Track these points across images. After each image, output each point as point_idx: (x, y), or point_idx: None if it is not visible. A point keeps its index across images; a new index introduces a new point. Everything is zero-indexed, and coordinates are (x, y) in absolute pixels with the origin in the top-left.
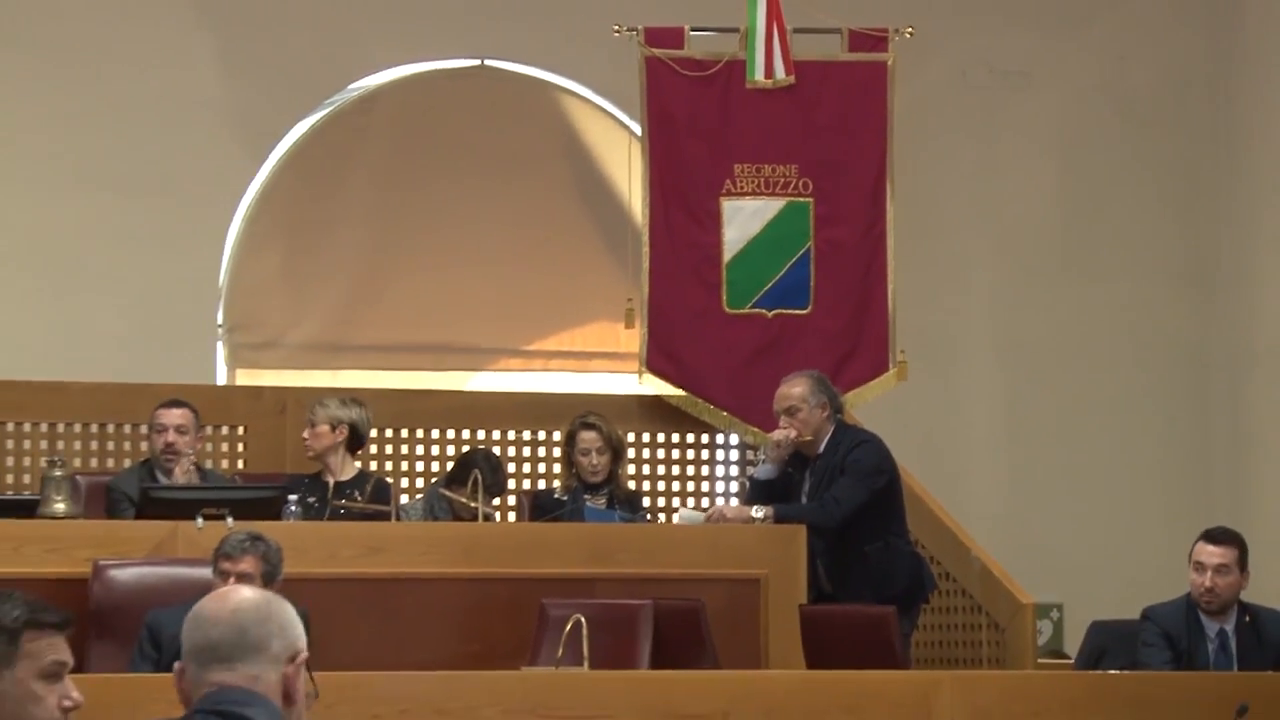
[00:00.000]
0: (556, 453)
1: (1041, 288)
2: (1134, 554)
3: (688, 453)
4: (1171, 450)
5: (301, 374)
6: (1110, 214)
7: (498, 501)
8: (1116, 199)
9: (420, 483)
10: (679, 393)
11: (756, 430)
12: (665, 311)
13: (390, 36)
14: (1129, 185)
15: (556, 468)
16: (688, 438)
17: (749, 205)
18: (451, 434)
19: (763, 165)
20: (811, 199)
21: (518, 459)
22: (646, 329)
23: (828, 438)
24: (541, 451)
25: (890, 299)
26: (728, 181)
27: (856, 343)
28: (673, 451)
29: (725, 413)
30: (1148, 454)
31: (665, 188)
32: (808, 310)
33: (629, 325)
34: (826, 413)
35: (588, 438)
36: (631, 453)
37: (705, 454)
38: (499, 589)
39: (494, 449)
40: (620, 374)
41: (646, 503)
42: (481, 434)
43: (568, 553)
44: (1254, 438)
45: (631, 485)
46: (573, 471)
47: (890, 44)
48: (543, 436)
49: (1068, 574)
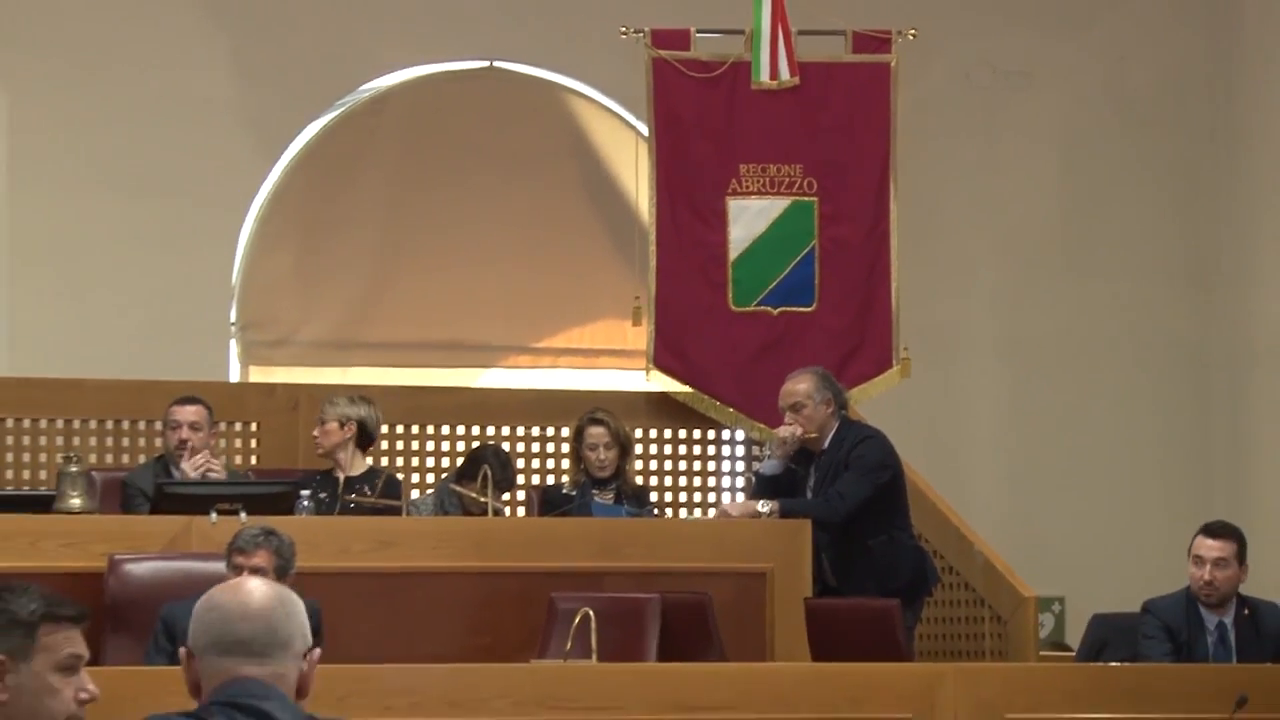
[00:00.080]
0: (565, 448)
1: (1043, 286)
2: (1134, 548)
3: (694, 448)
4: (1171, 446)
5: (313, 371)
6: (1111, 213)
7: (507, 497)
8: (1117, 198)
9: (431, 478)
10: (686, 389)
11: (762, 426)
12: (672, 309)
13: (400, 38)
14: (1129, 185)
15: (565, 463)
16: (694, 434)
17: (754, 204)
18: (461, 430)
19: (768, 165)
20: (816, 198)
21: (527, 455)
22: (654, 326)
23: (832, 433)
24: (550, 447)
25: (894, 296)
26: (733, 181)
27: (861, 340)
28: (679, 447)
29: (731, 409)
30: (1148, 450)
31: (672, 187)
32: (812, 308)
33: (636, 323)
34: (831, 409)
35: (595, 433)
36: (639, 448)
37: (712, 450)
38: (508, 583)
39: (503, 445)
40: (628, 371)
41: (654, 498)
42: (491, 430)
43: (576, 547)
44: (1252, 434)
45: (639, 480)
46: (581, 467)
47: (893, 45)
48: (551, 432)
49: (1069, 568)
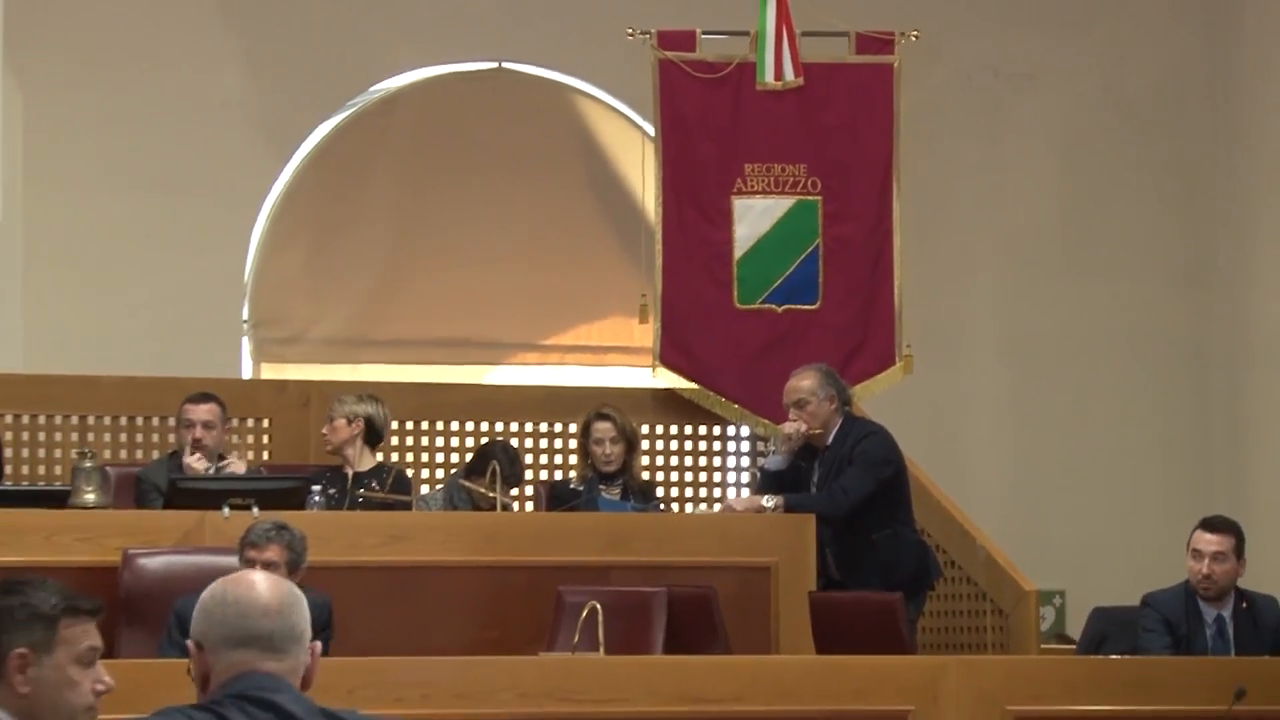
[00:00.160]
0: (573, 444)
1: (1044, 284)
2: (1134, 542)
3: (700, 444)
4: (1170, 442)
5: (325, 368)
6: (1111, 213)
7: (515, 492)
8: (1117, 198)
9: (440, 474)
10: (691, 386)
11: (767, 422)
12: (678, 307)
13: (410, 40)
14: (1129, 185)
15: (573, 459)
16: (700, 430)
17: (759, 203)
18: (470, 426)
19: (772, 164)
20: (820, 197)
21: (535, 450)
22: (660, 324)
23: (836, 429)
24: (558, 443)
25: (897, 294)
26: (738, 180)
27: (864, 337)
28: (685, 443)
29: (736, 405)
30: (1148, 445)
31: (678, 187)
32: (816, 305)
33: (643, 320)
34: (835, 405)
35: (602, 428)
36: (645, 444)
37: (717, 445)
38: (517, 577)
39: (512, 441)
40: (634, 368)
41: (660, 493)
42: (500, 426)
43: (584, 541)
44: (1250, 430)
45: (645, 476)
46: (588, 462)
47: (896, 47)
48: (559, 429)
49: (1070, 562)
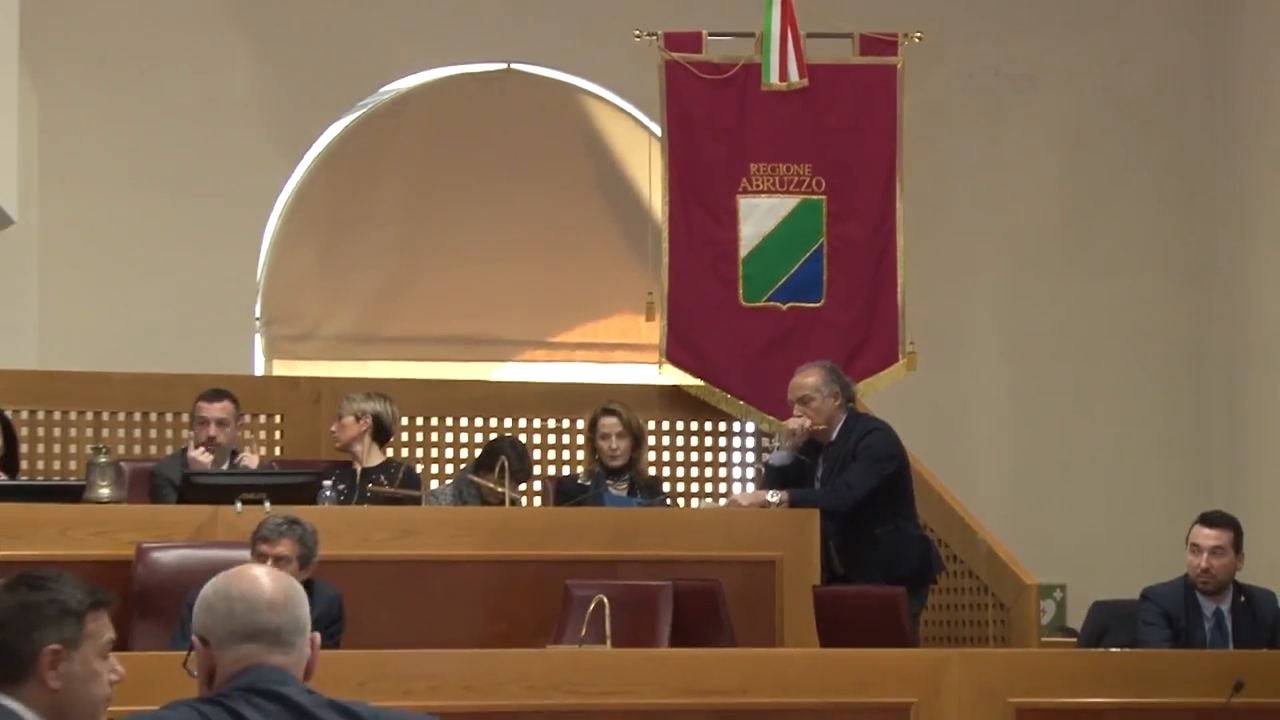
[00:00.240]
0: (580, 440)
1: (1045, 282)
2: (1134, 537)
3: (706, 440)
4: (1170, 437)
5: (336, 365)
6: (1111, 212)
7: (523, 487)
8: (1117, 197)
9: (449, 469)
10: (697, 382)
11: (772, 418)
12: (684, 305)
13: (420, 42)
14: (1129, 184)
15: (580, 454)
16: (706, 426)
17: (764, 203)
18: (479, 422)
19: (777, 164)
20: (824, 197)
21: (543, 446)
22: (666, 321)
23: (840, 425)
24: (565, 439)
25: (900, 292)
26: (744, 180)
27: (867, 334)
28: (691, 439)
29: (742, 402)
30: (1147, 441)
31: (684, 186)
32: (821, 303)
33: (649, 318)
34: (839, 401)
35: (609, 423)
36: (651, 440)
37: (723, 441)
38: (525, 571)
39: (520, 437)
40: (641, 364)
41: (666, 488)
42: (508, 422)
43: (591, 536)
44: (1249, 426)
45: (652, 471)
46: (595, 458)
47: (900, 48)
48: (566, 425)
49: (1070, 556)
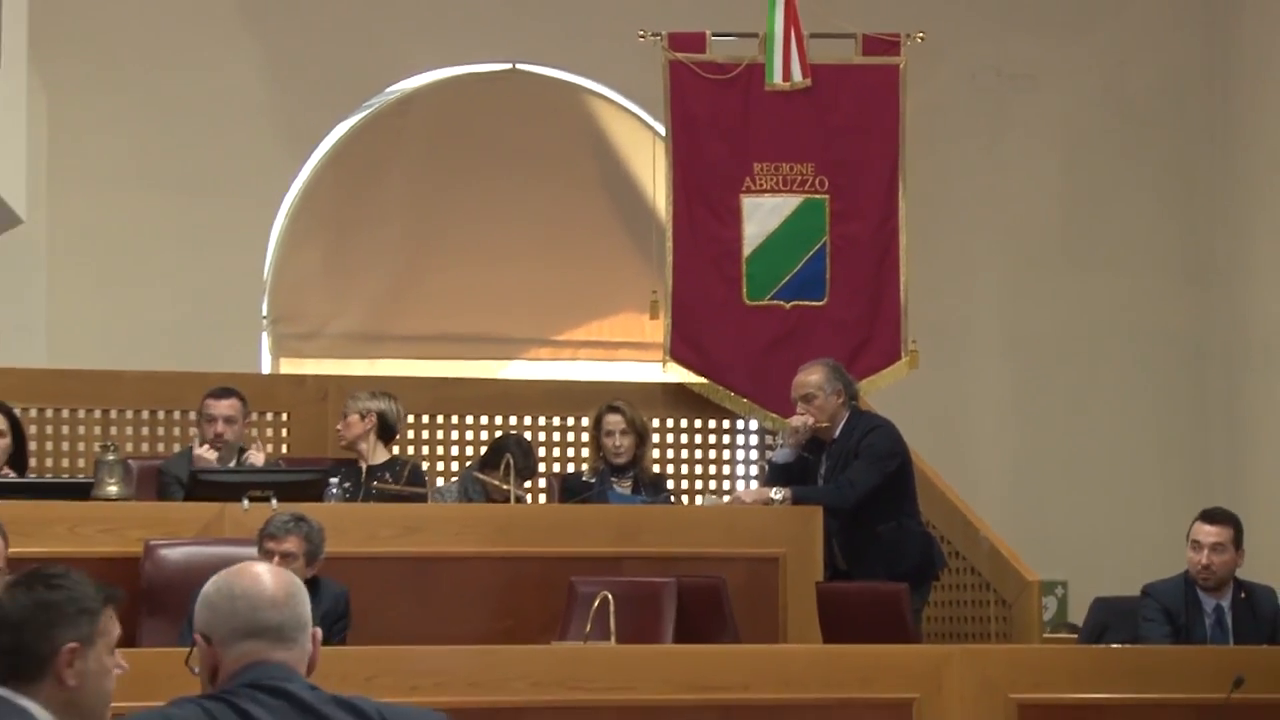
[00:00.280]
0: (584, 438)
1: (1045, 281)
2: (1135, 534)
3: (709, 438)
4: (1170, 435)
5: (342, 363)
6: (1111, 211)
7: (529, 484)
8: (1117, 197)
9: (455, 466)
10: (701, 380)
11: (775, 416)
12: (688, 303)
13: (426, 42)
14: (1129, 184)
15: (584, 452)
16: (709, 423)
17: (768, 202)
18: (485, 420)
19: (781, 164)
20: (827, 196)
21: (548, 444)
22: (670, 320)
23: (843, 423)
24: (570, 436)
25: (902, 291)
26: (747, 179)
27: (870, 333)
28: (695, 436)
29: (745, 399)
30: (1148, 439)
31: (688, 185)
32: (824, 302)
33: (653, 316)
34: (842, 399)
35: (613, 420)
36: (656, 437)
37: (726, 439)
38: (530, 567)
39: (525, 434)
40: (645, 363)
41: (670, 485)
42: (513, 420)
43: (595, 533)
44: (1248, 424)
45: (656, 469)
46: (600, 455)
47: (902, 48)
48: (571, 422)
49: (1072, 553)
